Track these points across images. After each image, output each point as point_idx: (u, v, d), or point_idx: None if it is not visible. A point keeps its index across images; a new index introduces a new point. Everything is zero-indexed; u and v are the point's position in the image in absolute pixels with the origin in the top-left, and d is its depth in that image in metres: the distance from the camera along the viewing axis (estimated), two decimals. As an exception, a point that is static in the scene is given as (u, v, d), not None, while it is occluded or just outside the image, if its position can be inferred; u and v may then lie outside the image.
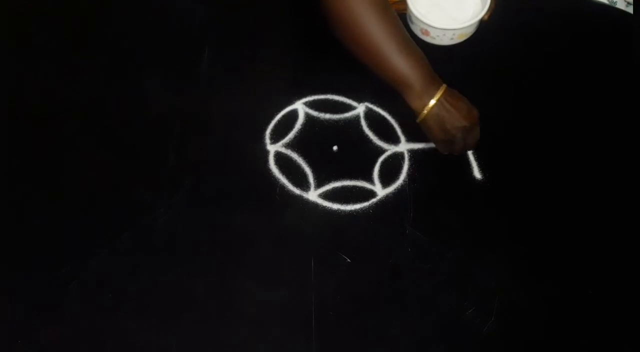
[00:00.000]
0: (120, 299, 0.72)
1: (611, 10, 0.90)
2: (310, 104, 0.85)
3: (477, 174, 0.78)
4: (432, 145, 0.77)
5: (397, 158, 0.80)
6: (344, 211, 0.77)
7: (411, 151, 0.80)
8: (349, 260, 0.73)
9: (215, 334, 0.69)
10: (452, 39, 0.85)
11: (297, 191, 0.78)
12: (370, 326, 0.70)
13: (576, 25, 0.89)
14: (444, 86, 0.70)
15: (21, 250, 0.76)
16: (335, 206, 0.77)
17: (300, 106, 0.85)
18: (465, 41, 0.86)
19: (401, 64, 0.68)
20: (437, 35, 0.84)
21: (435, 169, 0.79)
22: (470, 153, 0.79)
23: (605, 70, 0.84)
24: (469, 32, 0.85)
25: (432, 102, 0.69)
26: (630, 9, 0.89)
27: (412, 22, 0.86)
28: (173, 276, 0.73)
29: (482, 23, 0.85)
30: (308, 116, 0.84)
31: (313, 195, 0.78)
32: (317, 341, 0.68)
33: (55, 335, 0.70)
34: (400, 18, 0.70)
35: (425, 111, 0.69)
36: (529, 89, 0.84)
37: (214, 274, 0.73)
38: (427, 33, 0.84)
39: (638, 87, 0.77)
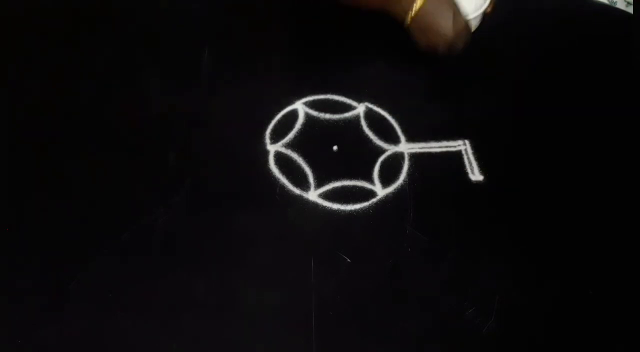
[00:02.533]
0: (120, 299, 0.72)
1: (611, 10, 0.90)
2: (310, 104, 0.85)
3: (477, 174, 0.78)
4: (432, 145, 0.77)
5: (397, 158, 0.80)
6: (344, 211, 0.77)
7: (411, 151, 0.80)
8: (349, 260, 0.73)
9: (215, 334, 0.69)
10: None
11: (297, 191, 0.78)
12: (370, 326, 0.70)
13: (576, 25, 0.89)
14: None
15: (21, 250, 0.76)
16: (335, 206, 0.77)
17: (300, 106, 0.85)
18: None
19: None
20: None
21: (435, 169, 0.79)
22: (470, 153, 0.79)
23: (605, 70, 0.84)
24: (473, 25, 0.84)
25: (418, 4, 0.68)
26: (630, 9, 0.89)
27: None
28: (173, 276, 0.73)
29: (484, 16, 0.85)
30: (308, 116, 0.84)
31: (313, 195, 0.78)
32: (317, 341, 0.68)
33: (55, 335, 0.70)
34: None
35: (412, 14, 0.69)
36: (529, 88, 0.84)
37: (214, 274, 0.73)
38: None
39: (638, 87, 0.77)
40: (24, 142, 0.84)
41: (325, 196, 0.78)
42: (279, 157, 0.81)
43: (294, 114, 0.84)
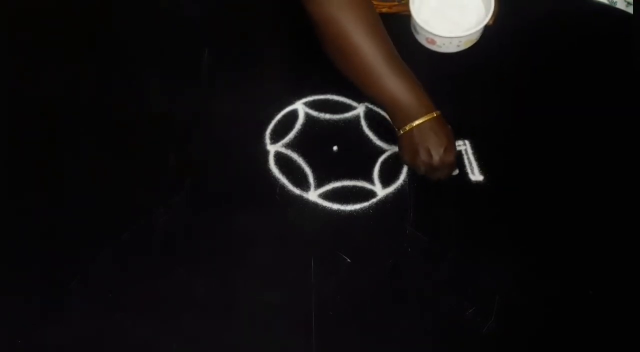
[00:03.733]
0: (120, 299, 0.72)
1: (611, 10, 0.90)
2: (310, 104, 0.85)
3: (477, 174, 0.78)
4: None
5: (397, 158, 0.80)
6: (344, 211, 0.77)
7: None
8: (349, 260, 0.73)
9: (215, 334, 0.69)
10: (458, 46, 0.84)
11: (297, 191, 0.78)
12: (370, 326, 0.70)
13: (576, 26, 0.89)
14: (435, 112, 0.69)
15: (21, 250, 0.76)
16: (335, 206, 0.77)
17: (300, 106, 0.85)
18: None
19: (393, 85, 0.67)
20: (444, 43, 0.84)
21: (435, 169, 0.79)
22: (470, 153, 0.79)
23: (605, 70, 0.84)
24: (475, 38, 0.85)
25: (417, 122, 0.68)
26: (630, 9, 0.89)
27: (417, 32, 0.86)
28: (173, 276, 0.73)
29: (486, 28, 0.85)
30: (308, 116, 0.84)
31: (313, 195, 0.78)
32: (317, 341, 0.68)
33: (55, 335, 0.70)
34: (404, 23, 0.69)
35: (407, 127, 0.68)
36: (530, 89, 0.84)
37: (214, 274, 0.73)
38: (432, 42, 0.84)
39: (638, 87, 0.77)
40: (24, 142, 0.84)
41: (325, 196, 0.78)
42: (279, 157, 0.81)
43: (294, 114, 0.84)
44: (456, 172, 0.75)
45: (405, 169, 0.79)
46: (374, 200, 0.77)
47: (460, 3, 0.86)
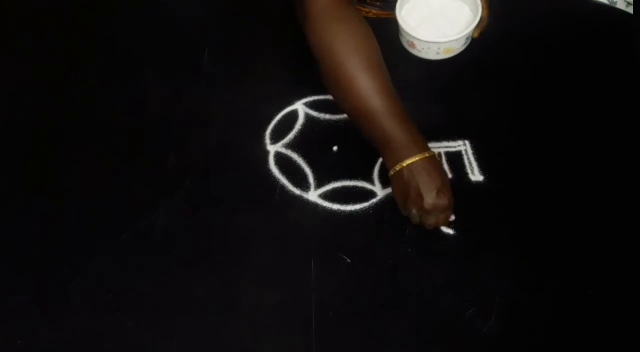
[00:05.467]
0: (120, 299, 0.72)
1: (611, 10, 0.90)
2: (310, 104, 0.85)
3: (477, 174, 0.78)
4: (432, 145, 0.77)
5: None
6: (344, 211, 0.77)
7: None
8: (349, 260, 0.73)
9: (215, 334, 0.69)
10: (437, 53, 0.84)
11: (297, 191, 0.78)
12: (370, 326, 0.70)
13: (576, 25, 0.89)
14: (428, 153, 0.67)
15: (21, 250, 0.76)
16: (335, 206, 0.77)
17: (300, 106, 0.85)
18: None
19: (385, 123, 0.66)
20: (423, 48, 0.83)
21: (435, 169, 0.79)
22: (470, 153, 0.79)
23: (605, 70, 0.84)
24: (455, 47, 0.83)
25: (407, 161, 0.66)
26: (630, 9, 0.89)
27: (400, 35, 0.86)
28: (173, 276, 0.73)
29: (472, 40, 0.85)
30: (308, 116, 0.84)
31: (313, 195, 0.78)
32: (317, 341, 0.68)
33: (55, 335, 0.70)
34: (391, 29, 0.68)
35: (397, 167, 0.66)
36: (529, 89, 0.84)
37: (214, 274, 0.73)
38: (412, 45, 0.84)
39: (638, 87, 0.77)
40: (24, 143, 0.84)
41: (325, 196, 0.78)
42: (279, 157, 0.81)
43: (294, 114, 0.84)
44: (452, 218, 0.71)
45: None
46: (374, 200, 0.77)
47: (451, 14, 0.85)
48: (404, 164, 0.66)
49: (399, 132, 0.66)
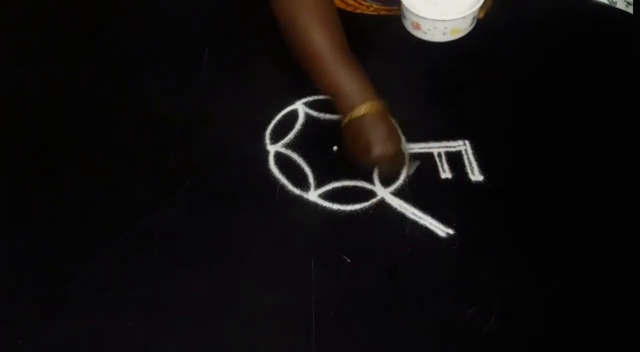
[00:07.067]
0: (120, 299, 0.72)
1: (611, 10, 0.90)
2: (310, 104, 0.85)
3: (477, 174, 0.78)
4: (432, 145, 0.77)
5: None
6: (344, 211, 0.77)
7: (411, 151, 0.80)
8: (349, 260, 0.73)
9: (215, 334, 0.69)
10: (444, 33, 0.83)
11: (297, 191, 0.78)
12: (370, 326, 0.70)
13: (576, 25, 0.89)
14: (377, 102, 0.68)
15: (21, 250, 0.76)
16: (335, 206, 0.77)
17: (300, 106, 0.85)
18: (463, 40, 0.85)
19: (337, 73, 0.68)
20: (429, 29, 0.83)
21: (435, 169, 0.79)
22: (470, 153, 0.79)
23: (605, 70, 0.84)
24: (463, 27, 0.83)
25: (355, 110, 0.67)
26: (630, 9, 0.89)
27: (404, 17, 0.85)
28: (173, 276, 0.73)
29: (478, 22, 0.84)
30: (308, 116, 0.84)
31: (313, 195, 0.78)
32: (317, 341, 0.68)
33: (55, 335, 0.70)
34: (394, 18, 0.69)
35: (346, 120, 0.68)
36: (529, 88, 0.84)
37: (214, 274, 0.73)
38: (418, 26, 0.83)
39: (638, 87, 0.77)
40: (24, 142, 0.84)
41: (325, 196, 0.78)
42: (279, 157, 0.81)
43: (294, 114, 0.84)
44: (417, 163, 0.71)
45: (405, 169, 0.79)
46: (374, 200, 0.77)
47: None
48: (353, 114, 0.68)
49: (349, 82, 0.68)
